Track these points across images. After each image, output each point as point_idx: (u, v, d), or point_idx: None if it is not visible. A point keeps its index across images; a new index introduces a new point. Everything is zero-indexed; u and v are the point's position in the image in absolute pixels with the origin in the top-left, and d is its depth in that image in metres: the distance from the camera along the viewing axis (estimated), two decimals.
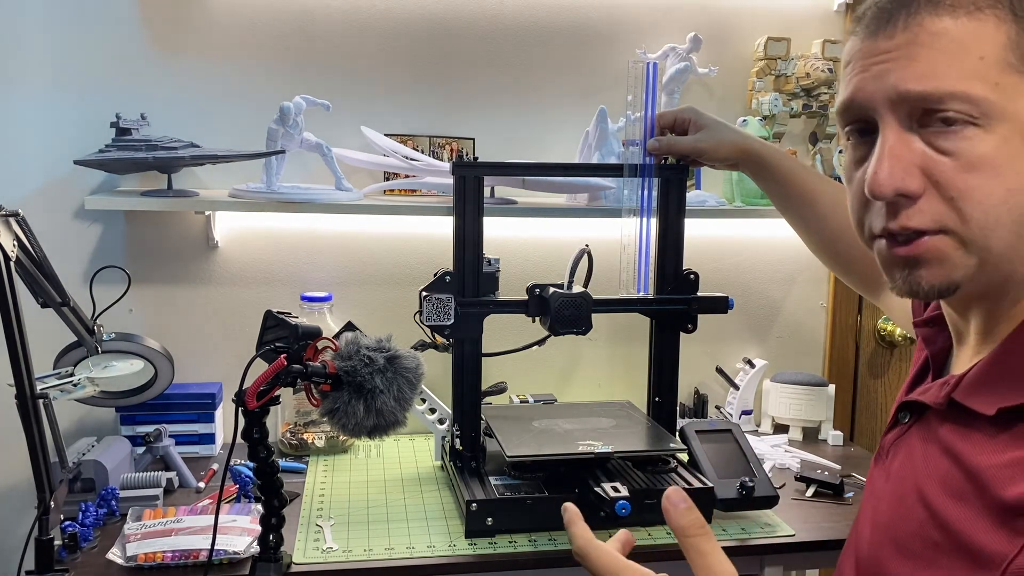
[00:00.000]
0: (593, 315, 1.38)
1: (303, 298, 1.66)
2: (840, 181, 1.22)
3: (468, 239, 1.38)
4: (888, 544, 0.74)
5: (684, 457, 1.43)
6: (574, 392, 1.88)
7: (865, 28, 0.71)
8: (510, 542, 1.26)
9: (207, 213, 1.67)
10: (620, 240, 1.41)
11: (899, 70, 0.67)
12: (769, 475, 1.41)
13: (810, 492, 1.48)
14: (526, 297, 1.41)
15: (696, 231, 1.49)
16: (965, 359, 0.77)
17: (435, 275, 1.39)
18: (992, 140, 0.65)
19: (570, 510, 0.72)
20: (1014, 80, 0.65)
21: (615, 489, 1.24)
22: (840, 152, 1.80)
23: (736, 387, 1.83)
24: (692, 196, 1.70)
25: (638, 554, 1.32)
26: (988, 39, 0.65)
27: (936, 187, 0.67)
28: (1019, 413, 0.66)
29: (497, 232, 1.73)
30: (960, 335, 0.79)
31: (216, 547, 1.14)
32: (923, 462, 0.73)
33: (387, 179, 1.72)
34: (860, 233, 0.75)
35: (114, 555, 1.19)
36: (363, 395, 1.08)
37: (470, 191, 1.38)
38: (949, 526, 0.67)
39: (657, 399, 1.51)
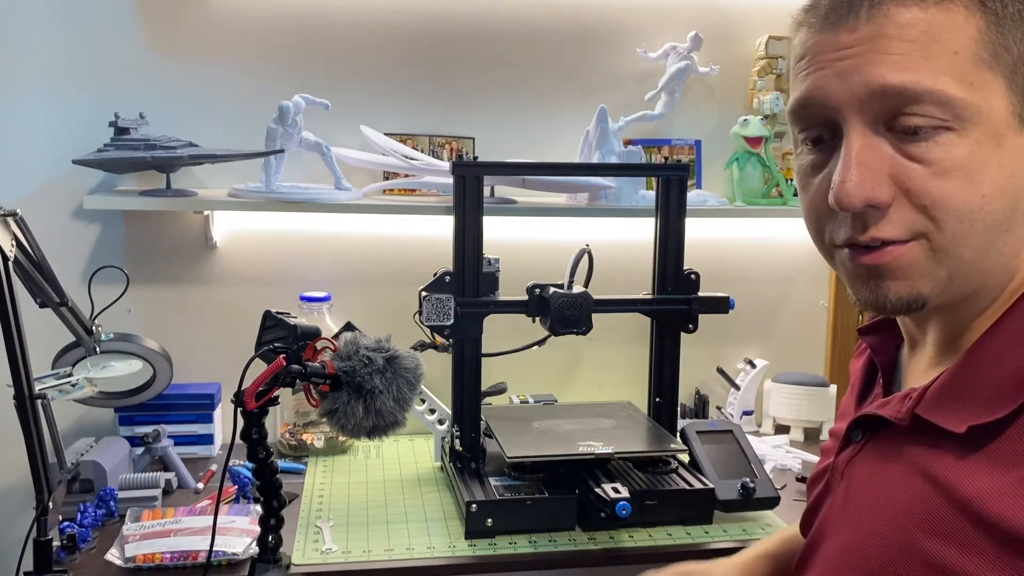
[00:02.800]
0: (593, 315, 1.38)
1: (302, 298, 1.66)
2: None
3: (468, 239, 1.38)
4: None
5: (685, 458, 1.43)
6: (574, 392, 1.87)
7: (822, 19, 0.63)
8: (510, 543, 1.26)
9: (206, 213, 1.66)
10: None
11: (867, 65, 0.60)
12: (770, 476, 1.40)
13: None
14: (526, 297, 1.41)
15: (697, 231, 1.49)
16: (921, 369, 0.72)
17: (435, 275, 1.38)
18: (966, 144, 0.60)
19: None
20: (986, 77, 0.60)
21: (616, 490, 1.23)
22: None
23: (737, 387, 1.83)
24: (693, 196, 1.69)
25: (639, 554, 1.31)
26: (959, 32, 0.60)
27: (906, 194, 0.61)
28: (989, 430, 0.60)
29: (497, 232, 1.72)
30: (914, 342, 0.74)
31: (215, 548, 1.14)
32: (895, 488, 0.66)
33: (387, 179, 1.72)
34: (819, 243, 0.70)
35: (113, 556, 1.19)
36: (362, 395, 1.07)
37: (470, 191, 1.38)
38: (945, 567, 0.60)
39: (658, 399, 1.51)
